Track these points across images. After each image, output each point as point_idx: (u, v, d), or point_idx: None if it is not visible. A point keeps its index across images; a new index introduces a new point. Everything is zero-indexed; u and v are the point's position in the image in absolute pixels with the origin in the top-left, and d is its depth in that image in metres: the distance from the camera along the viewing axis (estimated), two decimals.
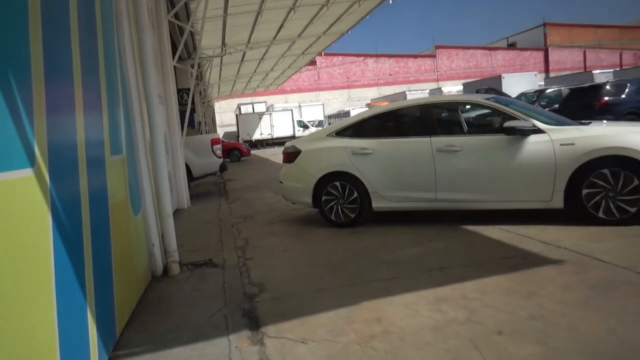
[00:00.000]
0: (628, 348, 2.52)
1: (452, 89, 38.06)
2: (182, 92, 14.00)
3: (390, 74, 49.85)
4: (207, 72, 18.81)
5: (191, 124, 14.83)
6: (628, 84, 13.45)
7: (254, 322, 3.40)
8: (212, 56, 16.74)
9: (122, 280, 3.56)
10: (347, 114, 37.88)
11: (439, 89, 41.61)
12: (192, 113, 15.92)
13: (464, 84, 32.98)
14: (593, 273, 3.63)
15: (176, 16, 10.33)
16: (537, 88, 23.24)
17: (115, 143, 3.90)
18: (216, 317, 3.55)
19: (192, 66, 11.96)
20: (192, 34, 12.54)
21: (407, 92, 38.05)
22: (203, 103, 22.72)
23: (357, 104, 45.58)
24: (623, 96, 13.07)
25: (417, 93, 37.22)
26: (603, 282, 3.44)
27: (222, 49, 16.56)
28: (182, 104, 12.82)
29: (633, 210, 4.72)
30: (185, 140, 9.91)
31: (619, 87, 13.47)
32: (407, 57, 50.95)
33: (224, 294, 4.08)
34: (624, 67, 40.96)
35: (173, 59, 9.34)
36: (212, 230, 6.87)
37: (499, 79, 26.70)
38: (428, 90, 39.78)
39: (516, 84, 24.01)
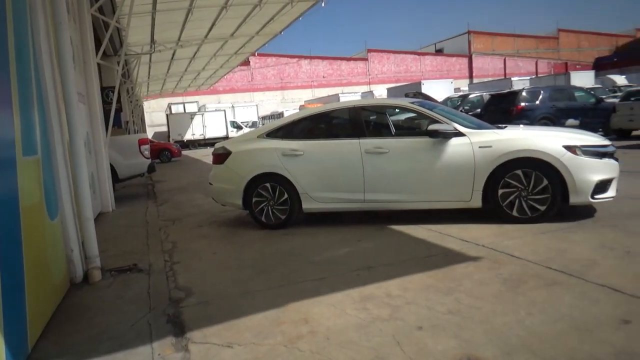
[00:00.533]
0: (535, 337, 2.71)
1: (383, 92, 39.29)
2: (107, 90, 13.40)
3: (324, 76, 50.41)
4: (135, 70, 18.12)
5: (117, 123, 14.22)
6: (541, 91, 14.43)
7: (179, 328, 3.32)
8: (140, 53, 16.16)
9: (35, 289, 3.36)
10: (280, 115, 37.85)
11: (371, 91, 42.80)
12: (119, 112, 15.27)
13: (388, 89, 36.16)
14: (506, 268, 3.87)
15: (100, 10, 9.89)
16: (452, 93, 25.87)
17: (29, 143, 3.66)
18: (139, 325, 3.43)
19: (118, 63, 11.49)
20: (118, 29, 12.03)
21: (340, 95, 38.75)
22: (131, 102, 21.85)
23: (292, 105, 45.65)
24: (537, 102, 14.00)
25: (350, 95, 38.07)
26: (514, 276, 3.68)
27: (151, 46, 16.02)
28: (107, 102, 12.26)
29: (542, 208, 5.08)
30: (110, 141, 9.49)
31: (533, 93, 14.42)
32: (341, 60, 51.78)
33: (149, 299, 3.95)
34: (539, 75, 44.05)
35: (97, 55, 8.92)
36: (138, 234, 6.63)
37: (419, 84, 30.10)
38: (360, 93, 40.79)
39: (434, 90, 26.71)
